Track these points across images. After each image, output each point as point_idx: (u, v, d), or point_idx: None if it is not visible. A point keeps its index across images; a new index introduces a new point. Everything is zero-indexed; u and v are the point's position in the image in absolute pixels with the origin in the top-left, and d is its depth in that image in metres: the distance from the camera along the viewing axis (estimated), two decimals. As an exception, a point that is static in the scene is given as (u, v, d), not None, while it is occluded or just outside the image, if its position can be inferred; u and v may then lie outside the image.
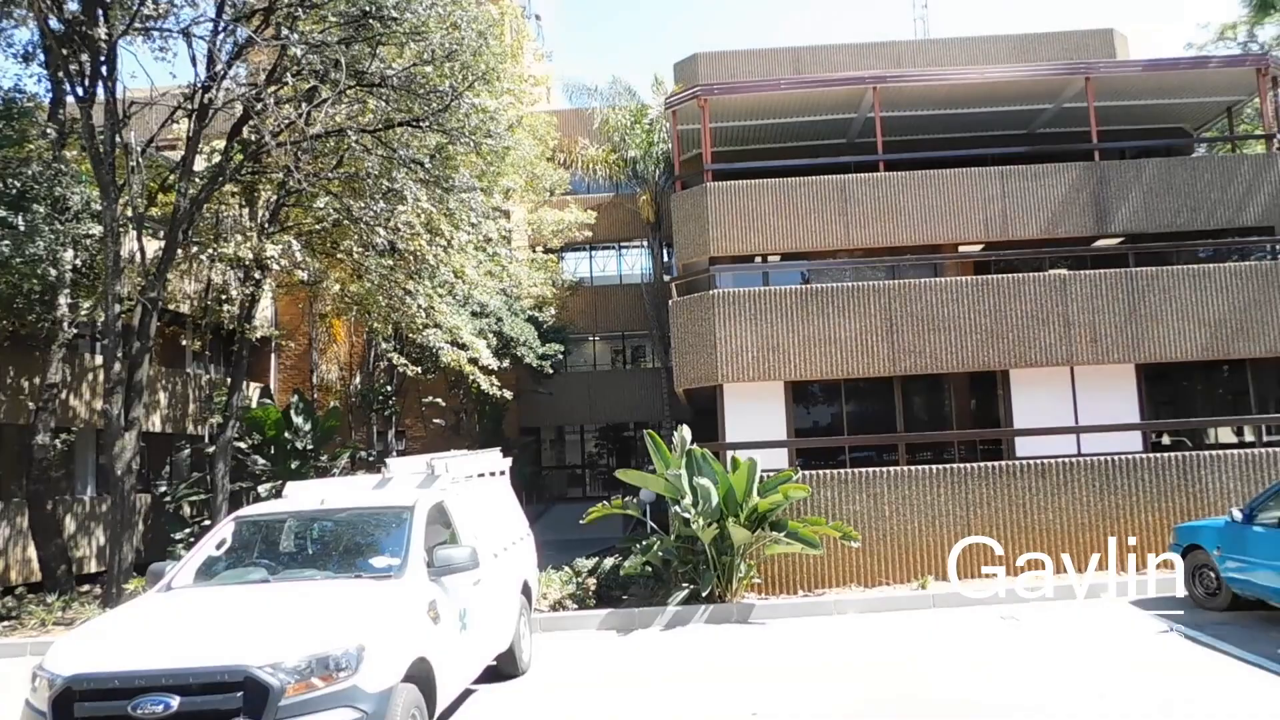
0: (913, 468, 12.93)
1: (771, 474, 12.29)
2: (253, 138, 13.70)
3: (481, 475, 10.17)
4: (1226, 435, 17.13)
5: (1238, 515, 10.04)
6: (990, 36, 23.40)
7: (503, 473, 10.90)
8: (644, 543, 12.49)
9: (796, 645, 10.23)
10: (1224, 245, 18.75)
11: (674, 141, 19.74)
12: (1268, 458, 12.77)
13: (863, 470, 12.78)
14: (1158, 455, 13.06)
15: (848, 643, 10.21)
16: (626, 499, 13.24)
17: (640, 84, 26.35)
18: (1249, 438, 16.48)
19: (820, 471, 12.86)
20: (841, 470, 12.85)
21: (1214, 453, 13.22)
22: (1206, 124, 22.07)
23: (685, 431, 12.61)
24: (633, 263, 32.42)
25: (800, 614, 11.66)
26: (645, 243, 27.89)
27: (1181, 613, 10.45)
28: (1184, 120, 21.65)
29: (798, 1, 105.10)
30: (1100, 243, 18.36)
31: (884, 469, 12.79)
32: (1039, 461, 12.92)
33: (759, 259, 18.34)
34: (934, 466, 12.97)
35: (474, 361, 16.13)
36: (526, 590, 10.04)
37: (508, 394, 16.82)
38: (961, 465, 13.02)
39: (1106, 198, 17.89)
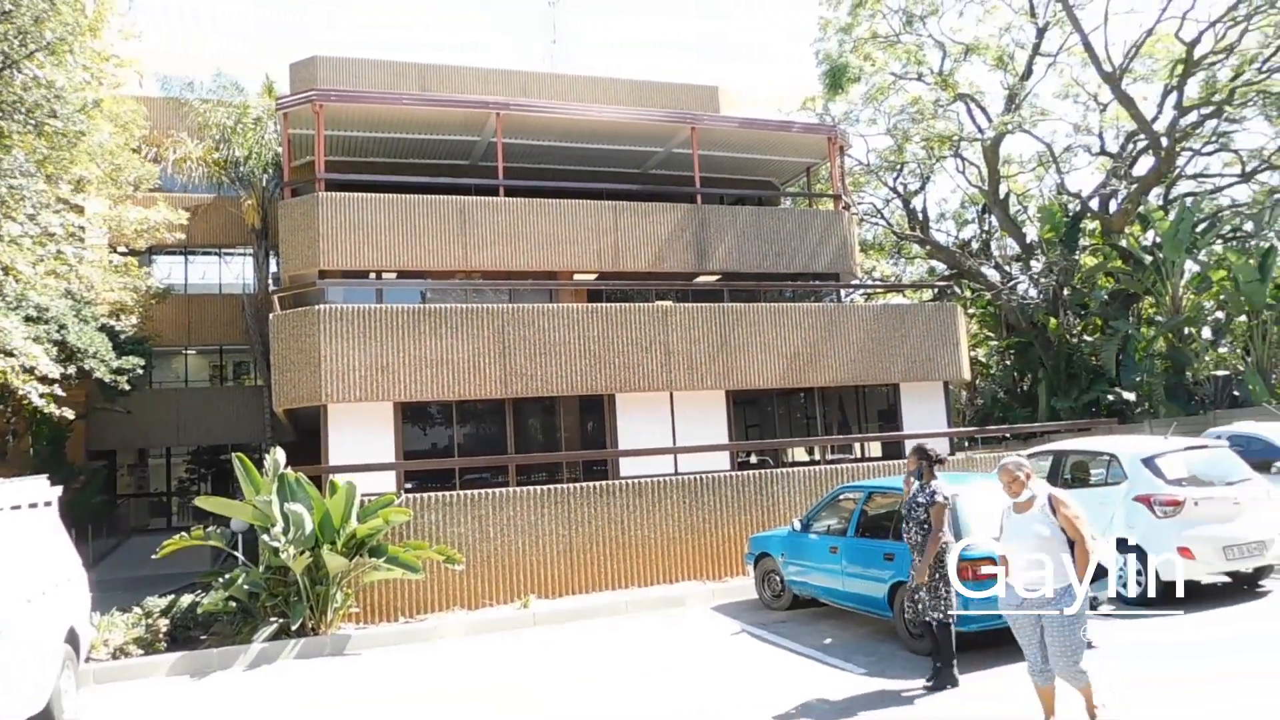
0: (518, 489, 12.99)
1: (374, 498, 11.72)
2: None
3: (17, 508, 8.60)
4: (802, 454, 19.25)
5: (797, 525, 11.09)
6: (613, 79, 24.69)
7: (47, 504, 9.32)
8: (227, 576, 11.34)
9: (397, 674, 9.77)
10: (801, 288, 21.20)
11: (285, 145, 18.54)
12: (827, 473, 14.41)
13: (468, 492, 12.62)
14: (739, 473, 14.23)
15: (451, 667, 9.93)
16: (211, 529, 11.97)
17: (250, 81, 24.54)
18: (817, 456, 18.64)
19: (426, 494, 12.49)
20: (447, 493, 12.58)
21: (786, 470, 14.67)
22: (791, 180, 24.93)
23: (279, 454, 11.67)
24: (236, 271, 29.78)
25: (400, 641, 11.18)
26: (251, 250, 25.77)
27: (754, 614, 11.41)
28: (774, 175, 24.31)
29: (428, 19, 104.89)
30: (701, 279, 19.95)
31: (489, 490, 12.72)
32: (636, 481, 13.54)
33: (374, 275, 17.70)
34: (539, 487, 13.14)
35: (30, 371, 13.78)
36: (74, 638, 8.67)
37: (69, 413, 14.55)
38: (565, 485, 13.30)
39: (706, 238, 19.47)
